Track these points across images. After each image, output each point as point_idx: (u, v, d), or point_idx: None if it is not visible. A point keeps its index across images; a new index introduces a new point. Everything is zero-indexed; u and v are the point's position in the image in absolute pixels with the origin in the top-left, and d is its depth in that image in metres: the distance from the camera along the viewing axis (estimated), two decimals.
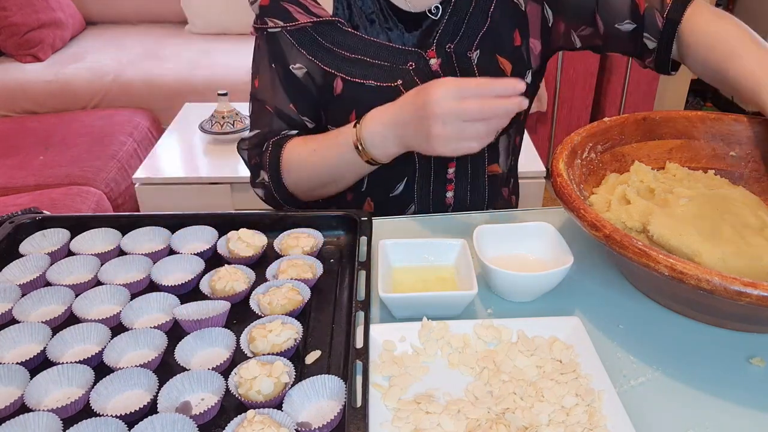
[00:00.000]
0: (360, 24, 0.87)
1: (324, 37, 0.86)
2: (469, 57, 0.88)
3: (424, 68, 0.87)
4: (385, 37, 0.87)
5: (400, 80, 0.87)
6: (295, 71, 0.88)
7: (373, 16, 0.87)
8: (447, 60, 0.88)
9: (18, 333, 0.62)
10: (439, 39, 0.87)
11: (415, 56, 0.87)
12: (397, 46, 0.87)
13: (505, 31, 0.89)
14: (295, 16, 0.85)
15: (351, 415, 0.50)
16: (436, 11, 0.88)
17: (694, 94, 3.46)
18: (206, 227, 0.78)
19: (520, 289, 0.69)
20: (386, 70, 0.87)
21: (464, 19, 0.88)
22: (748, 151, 0.83)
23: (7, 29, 2.57)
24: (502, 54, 0.89)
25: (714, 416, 0.56)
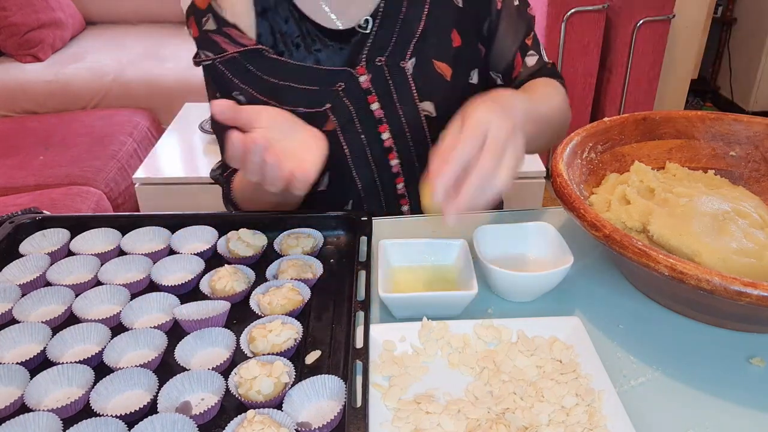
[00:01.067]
0: (285, 49, 0.85)
1: (254, 65, 0.85)
2: (402, 68, 0.86)
3: (354, 87, 0.85)
4: (314, 59, 0.86)
5: (328, 104, 0.86)
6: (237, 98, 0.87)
7: (298, 40, 0.85)
8: (378, 74, 0.86)
9: (18, 333, 0.62)
10: (368, 53, 0.85)
11: (344, 75, 0.85)
12: (325, 68, 0.85)
13: (441, 34, 0.87)
14: (224, 46, 0.85)
15: (351, 415, 0.50)
16: (366, 24, 0.85)
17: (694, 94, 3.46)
18: (206, 227, 0.78)
19: (520, 289, 0.69)
20: (315, 94, 0.85)
21: (395, 27, 0.85)
22: (748, 151, 0.83)
23: (7, 29, 2.57)
24: (439, 59, 0.87)
25: (714, 416, 0.56)
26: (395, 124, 0.89)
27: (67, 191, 1.86)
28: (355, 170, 0.91)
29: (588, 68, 2.49)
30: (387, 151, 0.91)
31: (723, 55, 3.37)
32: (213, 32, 0.85)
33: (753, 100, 3.22)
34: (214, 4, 0.85)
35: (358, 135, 0.89)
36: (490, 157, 0.60)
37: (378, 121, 0.88)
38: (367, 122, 0.88)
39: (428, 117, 0.89)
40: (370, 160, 0.91)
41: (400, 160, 0.91)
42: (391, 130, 0.89)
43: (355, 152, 0.90)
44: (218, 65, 0.86)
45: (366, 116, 0.88)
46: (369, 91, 0.86)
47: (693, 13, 2.74)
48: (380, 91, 0.87)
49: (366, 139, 0.89)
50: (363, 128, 0.88)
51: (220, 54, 0.85)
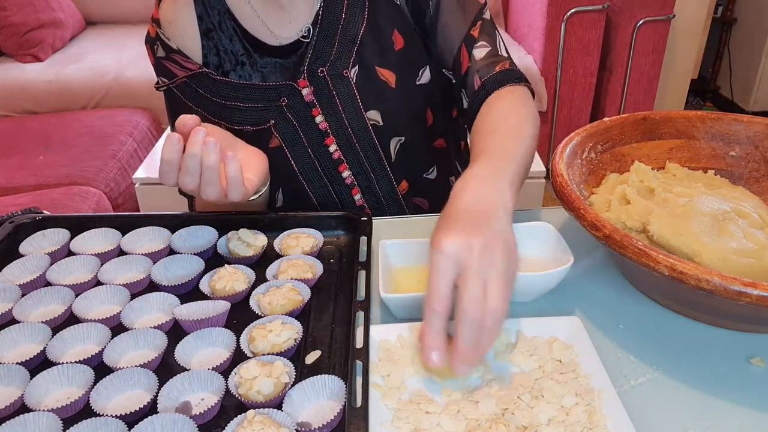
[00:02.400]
0: (230, 69, 0.86)
1: (202, 88, 0.86)
2: (346, 76, 0.84)
3: (297, 101, 0.85)
4: (260, 76, 0.85)
5: (272, 120, 0.85)
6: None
7: (243, 58, 0.85)
8: (321, 86, 0.84)
9: (18, 333, 0.62)
10: (309, 64, 0.83)
11: (286, 90, 0.84)
12: (268, 84, 0.85)
13: (383, 38, 0.84)
14: (174, 71, 0.86)
15: (351, 415, 0.50)
16: (308, 33, 0.83)
17: (694, 94, 3.46)
18: (206, 227, 0.78)
19: (520, 289, 0.69)
20: (259, 111, 0.85)
21: (335, 36, 0.83)
22: (748, 151, 0.83)
23: (7, 29, 2.57)
24: (382, 65, 0.85)
25: (714, 416, 0.56)
26: (342, 136, 0.88)
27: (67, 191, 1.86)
28: (307, 185, 0.91)
29: (588, 68, 2.49)
30: (337, 163, 0.90)
31: (723, 55, 3.37)
32: (163, 59, 0.87)
33: (753, 100, 3.22)
34: (160, 32, 0.85)
35: (305, 149, 0.88)
36: (471, 289, 0.51)
37: (324, 134, 0.87)
38: (313, 135, 0.88)
39: (375, 126, 0.88)
40: (321, 174, 0.91)
41: (352, 171, 0.91)
42: (338, 142, 0.88)
43: (304, 167, 0.90)
44: (173, 90, 0.87)
45: (311, 129, 0.87)
46: (312, 104, 0.86)
47: (693, 13, 2.74)
48: (324, 102, 0.86)
49: (313, 153, 0.89)
50: (309, 142, 0.88)
51: (172, 80, 0.86)
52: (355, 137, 0.88)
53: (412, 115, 0.89)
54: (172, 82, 0.87)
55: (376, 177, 0.92)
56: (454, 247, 0.52)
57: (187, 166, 0.65)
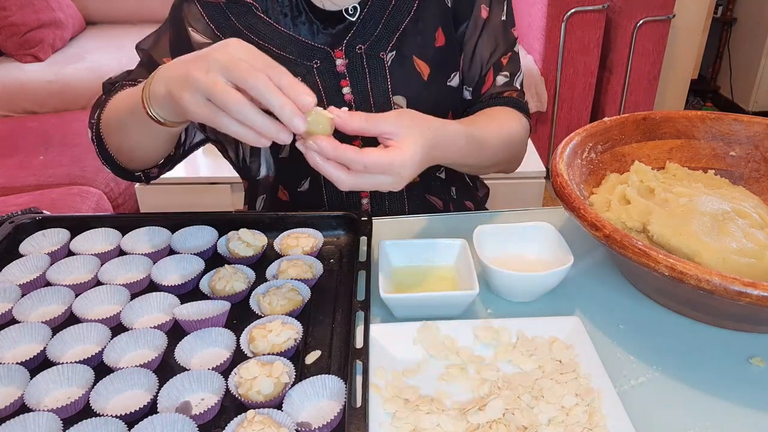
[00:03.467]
0: (272, 15, 0.86)
1: (237, 18, 0.85)
2: (381, 58, 0.86)
3: (329, 67, 0.86)
4: (297, 31, 0.86)
5: (299, 77, 0.83)
6: (194, 35, 0.85)
7: (286, 10, 0.86)
8: (355, 61, 0.86)
9: (18, 333, 0.62)
10: (350, 40, 0.86)
11: (322, 54, 0.86)
12: (306, 41, 0.86)
13: (426, 32, 0.87)
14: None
15: (351, 415, 0.50)
16: (353, 11, 0.86)
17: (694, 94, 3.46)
18: (206, 227, 0.78)
19: (520, 289, 0.69)
20: (290, 63, 0.85)
21: (381, 18, 0.86)
22: (748, 151, 0.83)
23: (7, 29, 2.57)
24: (420, 56, 0.87)
25: (714, 416, 0.56)
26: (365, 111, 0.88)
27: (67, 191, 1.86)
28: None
29: (588, 68, 2.49)
30: (352, 140, 0.90)
31: (723, 55, 3.37)
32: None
33: (753, 100, 3.22)
34: None
35: None
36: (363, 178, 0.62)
37: (347, 106, 0.88)
38: (336, 104, 0.87)
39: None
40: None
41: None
42: None
43: None
44: (197, 6, 0.85)
45: (336, 99, 0.88)
46: (343, 74, 0.87)
47: (693, 13, 2.74)
48: (354, 77, 0.87)
49: None
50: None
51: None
52: None
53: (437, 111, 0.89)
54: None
55: None
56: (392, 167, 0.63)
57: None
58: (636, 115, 0.85)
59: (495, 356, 0.61)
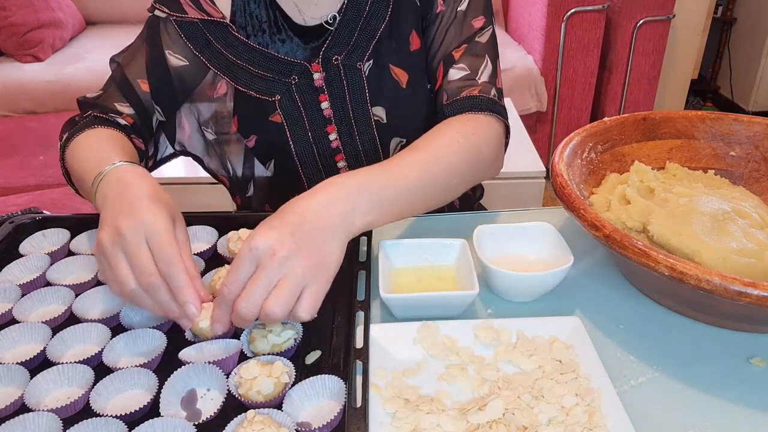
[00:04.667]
0: (251, 33, 0.85)
1: (215, 37, 0.84)
2: (359, 69, 0.85)
3: (307, 83, 0.85)
4: (275, 48, 0.85)
5: (278, 95, 0.85)
6: (171, 58, 0.85)
7: (264, 26, 0.85)
8: (333, 73, 0.85)
9: (18, 333, 0.62)
10: (326, 51, 0.84)
11: (299, 69, 0.84)
12: (284, 58, 0.84)
13: (401, 37, 0.85)
14: (185, 8, 0.83)
15: (351, 415, 0.50)
16: (333, 20, 0.84)
17: (694, 94, 3.46)
18: (206, 227, 0.78)
19: (520, 289, 0.69)
20: (268, 81, 0.85)
21: (357, 27, 0.84)
22: (748, 151, 0.83)
23: (7, 29, 2.57)
24: (397, 63, 0.85)
25: (714, 416, 0.56)
26: (344, 126, 0.88)
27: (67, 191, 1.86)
28: (300, 166, 0.91)
29: (588, 68, 2.49)
30: (334, 152, 0.90)
31: (723, 55, 3.37)
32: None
33: (753, 100, 3.22)
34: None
35: (305, 132, 0.88)
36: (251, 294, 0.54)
37: (326, 121, 0.88)
38: (316, 121, 0.88)
39: (378, 123, 0.88)
40: (317, 160, 0.90)
41: (347, 162, 0.91)
42: (339, 131, 0.88)
43: (301, 149, 0.89)
44: (171, 22, 0.84)
45: (315, 114, 0.87)
46: (321, 89, 0.86)
47: (693, 13, 2.74)
48: (333, 90, 0.86)
49: (313, 138, 0.88)
50: (310, 126, 0.88)
51: (179, 14, 0.83)
52: (357, 129, 0.88)
53: (418, 118, 0.89)
54: (177, 15, 0.83)
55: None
56: (261, 246, 0.55)
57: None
58: (636, 115, 0.85)
59: (495, 356, 0.61)
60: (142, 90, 0.86)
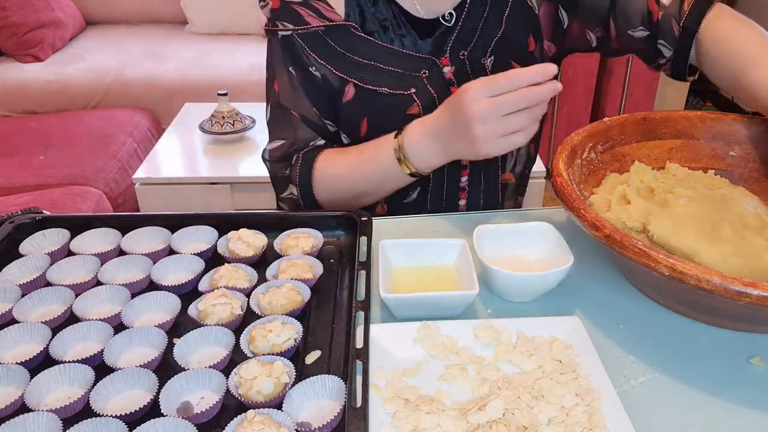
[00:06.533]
0: (373, 30, 0.86)
1: (336, 41, 0.85)
2: (483, 64, 0.87)
3: (438, 76, 0.87)
4: (399, 43, 0.86)
5: (413, 88, 0.86)
6: (315, 73, 0.87)
7: (386, 23, 0.86)
8: (461, 67, 0.87)
9: (18, 333, 0.62)
10: (452, 46, 0.87)
11: (428, 63, 0.86)
12: (411, 53, 0.86)
13: (519, 37, 0.89)
14: (307, 19, 0.84)
15: (351, 415, 0.50)
16: (450, 17, 0.87)
17: (694, 94, 3.46)
18: (206, 227, 0.78)
19: (520, 289, 0.69)
20: (399, 77, 0.86)
21: (478, 25, 0.87)
22: (748, 151, 0.83)
23: (7, 29, 2.57)
24: (516, 60, 0.89)
25: (714, 416, 0.56)
26: None
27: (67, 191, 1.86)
28: None
29: (588, 68, 2.50)
30: None
31: None
32: (297, 4, 0.85)
33: None
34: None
35: None
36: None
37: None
38: None
39: None
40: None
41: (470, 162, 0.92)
42: None
43: None
44: (296, 38, 0.85)
45: None
46: (452, 81, 0.87)
47: None
48: (462, 83, 0.86)
49: None
50: None
51: (303, 26, 0.84)
52: None
53: None
54: (302, 28, 0.84)
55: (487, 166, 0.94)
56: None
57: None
58: (636, 115, 0.85)
59: (495, 356, 0.61)
60: (317, 117, 0.89)
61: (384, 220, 0.86)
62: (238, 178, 1.86)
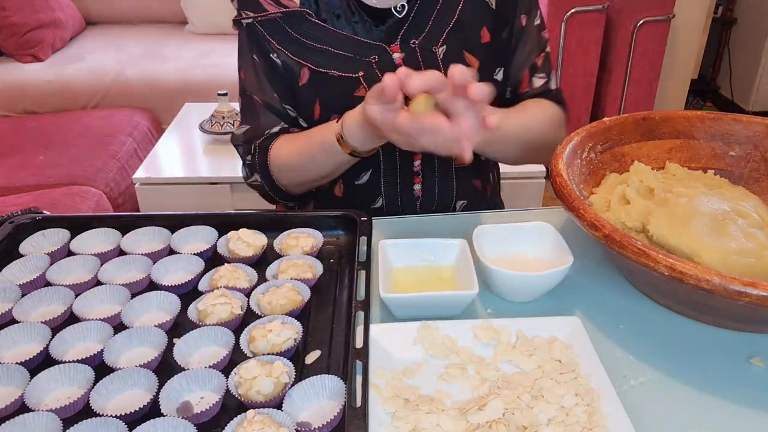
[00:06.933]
0: (327, 18, 0.89)
1: (293, 27, 0.88)
2: (434, 52, 0.89)
3: (387, 61, 0.88)
4: (351, 30, 0.89)
5: (361, 71, 0.88)
6: (276, 60, 0.90)
7: (339, 11, 0.89)
8: (411, 55, 0.89)
9: (18, 333, 0.62)
10: (404, 35, 0.88)
11: (378, 50, 0.88)
12: (362, 39, 0.88)
13: (473, 28, 0.90)
14: (266, 7, 0.88)
15: (351, 415, 0.50)
16: (401, 9, 0.89)
17: (694, 94, 3.46)
18: (206, 227, 0.78)
19: (520, 289, 0.69)
20: (349, 60, 0.88)
21: (431, 15, 0.89)
22: (748, 151, 0.83)
23: (7, 29, 2.57)
24: (469, 50, 0.90)
25: (714, 416, 0.56)
26: None
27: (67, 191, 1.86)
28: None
29: (588, 68, 2.49)
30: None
31: (723, 55, 3.37)
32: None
33: (753, 100, 3.22)
34: None
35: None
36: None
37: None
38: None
39: None
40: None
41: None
42: None
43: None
44: (257, 26, 0.89)
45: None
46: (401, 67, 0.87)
47: (693, 13, 2.74)
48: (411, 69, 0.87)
49: None
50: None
51: (262, 13, 0.88)
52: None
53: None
54: (261, 15, 0.88)
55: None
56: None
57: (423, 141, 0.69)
58: (636, 115, 0.85)
59: (495, 356, 0.61)
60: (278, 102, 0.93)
61: (384, 220, 0.86)
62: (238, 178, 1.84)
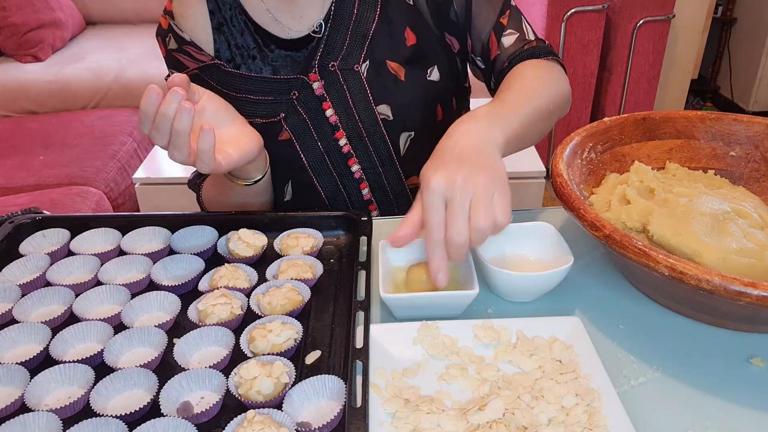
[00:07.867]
0: (241, 63, 0.87)
1: (213, 79, 0.87)
2: (357, 72, 0.85)
3: (308, 94, 0.86)
4: (270, 69, 0.86)
5: (282, 113, 0.87)
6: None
7: (254, 52, 0.86)
8: (332, 80, 0.86)
9: (18, 333, 0.62)
10: (320, 59, 0.85)
11: (297, 83, 0.86)
12: (278, 77, 0.86)
13: (395, 33, 0.86)
14: (185, 63, 0.87)
15: (351, 415, 0.50)
16: (319, 28, 0.85)
17: (694, 94, 3.46)
18: (206, 227, 0.78)
19: (520, 289, 0.69)
20: (270, 104, 0.86)
21: (347, 32, 0.85)
22: (748, 151, 0.83)
23: (7, 29, 2.57)
24: (392, 58, 0.86)
25: (714, 416, 0.56)
26: (352, 129, 0.88)
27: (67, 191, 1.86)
28: (316, 179, 0.92)
29: (588, 68, 2.49)
30: (346, 157, 0.90)
31: (723, 55, 3.37)
32: (175, 51, 0.88)
33: (753, 100, 3.22)
34: (173, 24, 0.87)
35: (314, 142, 0.89)
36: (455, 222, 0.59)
37: (334, 128, 0.88)
38: (323, 129, 0.88)
39: (385, 120, 0.88)
40: (331, 168, 0.91)
41: (361, 165, 0.91)
42: (348, 135, 0.89)
43: (314, 160, 0.90)
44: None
45: (321, 123, 0.88)
46: (323, 97, 0.86)
47: (693, 13, 2.74)
48: (334, 96, 0.86)
49: (323, 147, 0.89)
50: (319, 136, 0.88)
51: (183, 71, 0.87)
52: (365, 131, 0.89)
53: (422, 110, 0.90)
54: (186, 72, 0.87)
55: (385, 172, 0.92)
56: (440, 183, 0.59)
57: (158, 124, 0.67)
58: (636, 115, 0.85)
59: (495, 356, 0.61)
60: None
61: (384, 220, 0.86)
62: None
